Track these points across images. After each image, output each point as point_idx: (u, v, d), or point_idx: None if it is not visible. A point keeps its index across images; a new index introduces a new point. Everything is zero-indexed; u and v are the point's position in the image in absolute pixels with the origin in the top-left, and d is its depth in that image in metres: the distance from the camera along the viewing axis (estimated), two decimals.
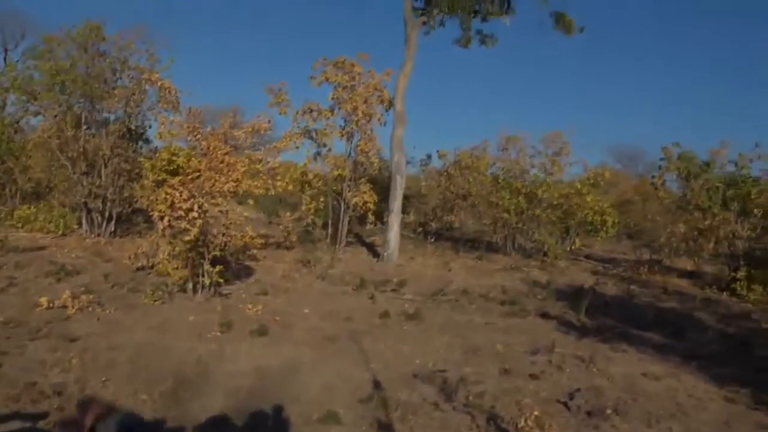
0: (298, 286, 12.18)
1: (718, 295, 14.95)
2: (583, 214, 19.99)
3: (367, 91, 17.48)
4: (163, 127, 11.76)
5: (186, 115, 12.11)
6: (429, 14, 18.11)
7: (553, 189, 19.87)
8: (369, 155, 17.92)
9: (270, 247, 16.31)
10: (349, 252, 17.79)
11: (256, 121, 13.35)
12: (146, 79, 13.90)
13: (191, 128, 11.51)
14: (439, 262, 17.20)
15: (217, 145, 10.47)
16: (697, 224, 16.90)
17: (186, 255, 10.00)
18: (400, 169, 17.23)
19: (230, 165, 10.06)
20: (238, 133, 12.57)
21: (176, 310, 9.30)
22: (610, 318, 11.01)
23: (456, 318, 10.41)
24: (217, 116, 13.86)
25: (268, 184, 11.78)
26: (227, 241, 10.42)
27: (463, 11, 17.81)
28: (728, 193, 16.68)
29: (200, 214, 9.57)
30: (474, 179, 21.38)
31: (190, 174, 9.93)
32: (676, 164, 17.81)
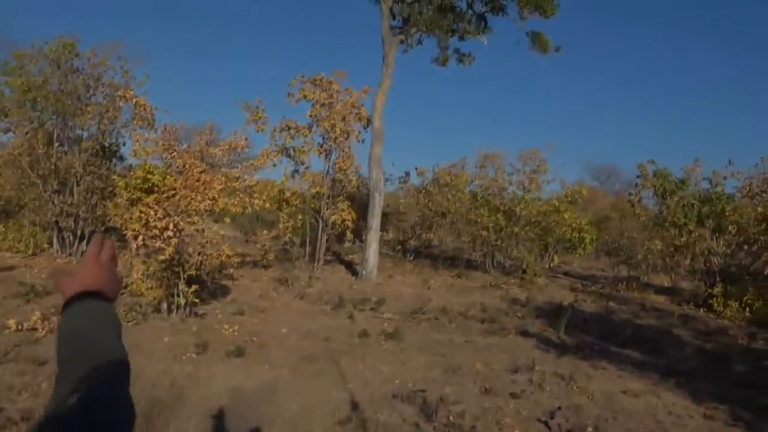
0: (276, 306, 12.07)
1: (695, 311, 15.14)
2: (561, 232, 20.20)
3: (345, 108, 17.54)
4: (137, 144, 11.65)
5: (161, 132, 12.04)
6: (407, 33, 18.32)
7: (532, 206, 20.05)
8: (347, 173, 17.94)
9: (247, 266, 16.18)
10: (327, 270, 17.71)
11: (232, 139, 13.32)
12: (120, 96, 13.79)
13: (166, 146, 11.44)
14: (418, 280, 17.19)
15: (193, 162, 10.40)
16: (673, 241, 17.16)
17: (161, 275, 9.86)
18: (378, 187, 17.27)
19: (206, 183, 9.99)
20: (215, 150, 12.53)
21: (150, 331, 9.14)
22: (590, 335, 11.07)
23: (435, 337, 10.38)
24: (193, 134, 13.87)
25: (245, 203, 11.72)
26: (203, 260, 10.32)
27: (440, 30, 18.05)
28: (703, 210, 16.98)
29: (175, 233, 9.47)
30: (453, 197, 21.50)
31: (165, 192, 9.84)
32: (652, 182, 18.10)
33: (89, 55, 15.98)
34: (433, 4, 17.74)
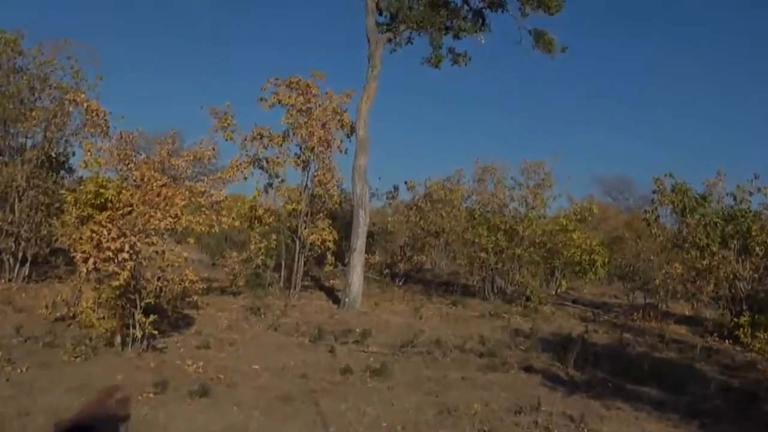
0: (246, 338, 11.98)
1: (719, 343, 15.22)
2: (569, 254, 20.29)
3: (325, 114, 17.61)
4: (89, 154, 11.60)
5: (116, 141, 12.02)
6: (395, 30, 18.46)
7: (536, 225, 20.13)
8: (328, 187, 17.95)
9: (213, 292, 16.06)
10: (305, 298, 17.63)
11: (198, 149, 13.34)
12: (70, 100, 13.75)
13: (122, 156, 11.41)
14: (408, 308, 17.15)
15: (152, 175, 10.36)
16: (694, 264, 17.26)
17: (114, 303, 9.77)
18: (363, 203, 17.28)
19: (168, 198, 9.95)
20: (178, 161, 12.53)
21: (102, 367, 9.03)
22: (602, 371, 11.08)
23: (428, 373, 10.34)
24: (153, 143, 13.83)
25: (211, 221, 11.70)
26: (163, 287, 10.23)
27: (432, 27, 18.20)
28: (727, 230, 17.11)
29: (132, 255, 9.39)
30: (447, 214, 21.57)
31: (120, 209, 9.77)
32: (670, 197, 18.24)
33: (35, 53, 15.92)
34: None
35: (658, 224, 19.36)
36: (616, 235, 27.93)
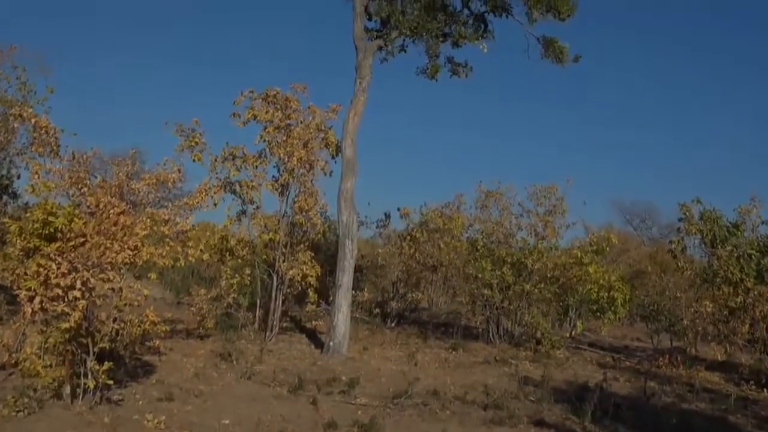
0: (215, 389, 11.89)
1: (757, 392, 15.20)
2: (585, 290, 20.31)
3: (307, 132, 17.67)
4: (36, 177, 11.58)
5: (68, 161, 12.01)
6: (386, 37, 18.61)
7: (547, 257, 20.17)
8: (310, 214, 17.96)
9: (178, 335, 15.97)
10: (283, 341, 17.54)
11: (161, 171, 13.31)
12: (15, 115, 13.78)
13: (75, 179, 11.39)
14: (401, 353, 17.08)
15: (109, 201, 10.35)
16: (727, 302, 17.31)
17: (63, 348, 9.68)
18: (350, 233, 17.28)
19: (126, 228, 9.92)
20: (139, 185, 12.50)
21: (48, 423, 8.93)
22: (624, 425, 11.04)
23: (424, 428, 10.29)
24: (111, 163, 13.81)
25: (176, 253, 11.66)
26: (120, 329, 10.16)
27: (428, 34, 18.38)
28: (763, 263, 17.20)
29: (84, 293, 9.33)
30: (446, 245, 21.60)
31: (72, 240, 9.73)
32: (698, 226, 18.35)
33: None
34: (419, 2, 18.09)
35: (685, 256, 19.44)
36: (638, 269, 28.03)
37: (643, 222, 57.67)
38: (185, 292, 21.91)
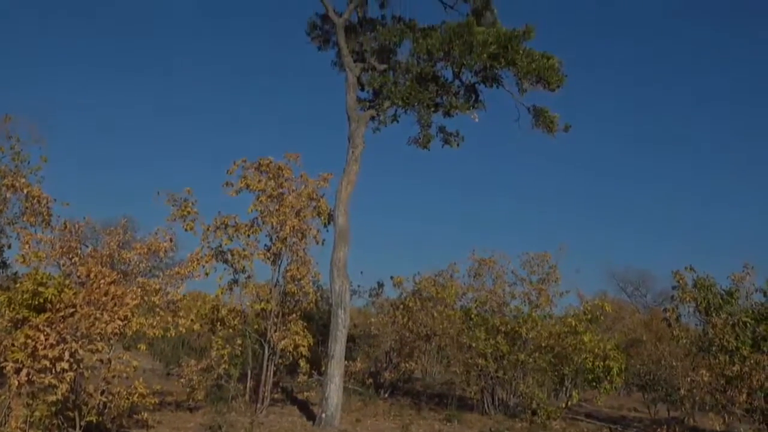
0: None
1: None
2: (580, 359, 20.15)
3: (300, 200, 17.77)
4: (27, 247, 11.58)
5: (59, 231, 12.04)
6: (378, 107, 18.92)
7: (541, 326, 20.09)
8: (302, 283, 17.91)
9: (167, 407, 15.75)
10: (274, 413, 17.30)
11: (153, 240, 13.35)
12: (8, 185, 13.82)
13: (66, 249, 11.40)
14: (395, 425, 16.87)
15: (100, 271, 10.34)
16: (723, 370, 17.19)
17: (49, 422, 9.54)
18: (343, 302, 17.21)
19: (117, 298, 9.89)
20: (130, 254, 12.51)
21: None
22: None
23: None
24: (102, 233, 13.83)
25: (167, 323, 11.58)
26: (108, 402, 10.03)
27: (420, 104, 18.66)
28: (759, 330, 17.15)
29: (72, 365, 9.25)
30: (439, 314, 21.48)
31: (61, 310, 9.69)
32: (692, 294, 18.35)
33: None
34: (411, 73, 18.45)
35: (680, 324, 19.37)
36: (634, 337, 27.87)
37: (637, 289, 57.62)
38: (175, 362, 21.66)
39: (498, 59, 17.51)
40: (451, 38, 17.58)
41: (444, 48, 17.76)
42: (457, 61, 17.98)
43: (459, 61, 17.92)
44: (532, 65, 17.38)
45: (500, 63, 17.61)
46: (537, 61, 17.39)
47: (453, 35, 17.59)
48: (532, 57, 17.46)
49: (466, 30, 17.45)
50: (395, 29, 19.49)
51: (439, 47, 17.80)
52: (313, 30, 21.62)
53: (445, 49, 17.78)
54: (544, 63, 17.40)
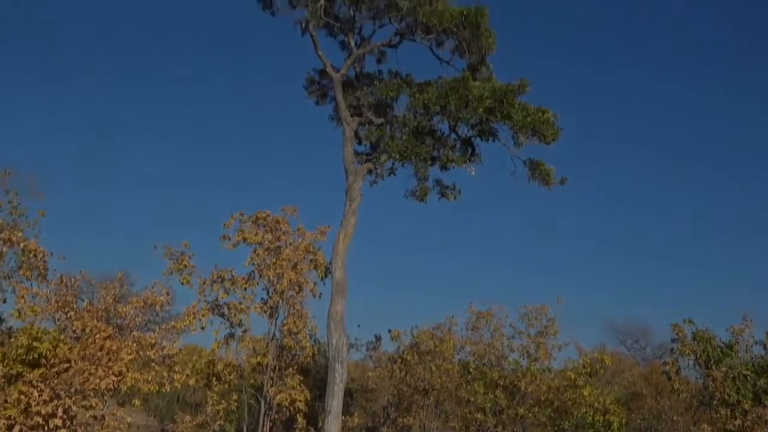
0: None
1: None
2: (580, 413, 19.92)
3: (297, 253, 17.77)
4: (23, 301, 11.55)
5: (56, 285, 12.02)
6: (375, 161, 19.06)
7: (540, 380, 19.90)
8: (299, 337, 17.80)
9: None
10: None
11: (149, 293, 13.32)
12: (4, 240, 13.82)
13: (62, 303, 11.37)
14: None
15: (95, 325, 10.30)
16: (725, 425, 17.01)
17: None
18: (340, 356, 17.07)
19: (112, 353, 9.82)
20: (126, 308, 12.47)
21: None
22: None
23: None
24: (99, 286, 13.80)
25: (162, 378, 11.47)
26: None
27: (417, 158, 18.79)
28: (760, 383, 17.02)
29: (65, 422, 9.14)
30: (437, 368, 21.28)
31: (56, 366, 9.61)
32: (691, 347, 18.27)
33: None
34: (407, 127, 18.63)
35: (680, 378, 19.24)
36: (634, 391, 27.61)
37: (636, 342, 57.13)
38: (170, 418, 21.40)
39: (494, 113, 17.70)
40: (448, 93, 17.81)
41: (440, 102, 17.98)
42: (454, 115, 18.17)
43: (455, 115, 18.11)
44: (528, 119, 17.56)
45: (496, 117, 17.80)
46: (532, 115, 17.58)
47: (449, 90, 17.83)
48: (527, 111, 17.65)
49: (462, 85, 17.69)
50: (392, 84, 19.77)
51: (436, 101, 18.02)
52: (311, 85, 21.93)
53: (442, 104, 17.99)
54: (540, 117, 17.59)
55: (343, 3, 20.16)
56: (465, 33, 18.38)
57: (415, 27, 19.22)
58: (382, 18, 19.86)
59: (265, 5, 20.64)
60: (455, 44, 19.26)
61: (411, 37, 19.69)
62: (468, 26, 18.17)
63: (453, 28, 18.34)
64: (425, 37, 19.27)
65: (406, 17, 19.09)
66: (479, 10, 18.01)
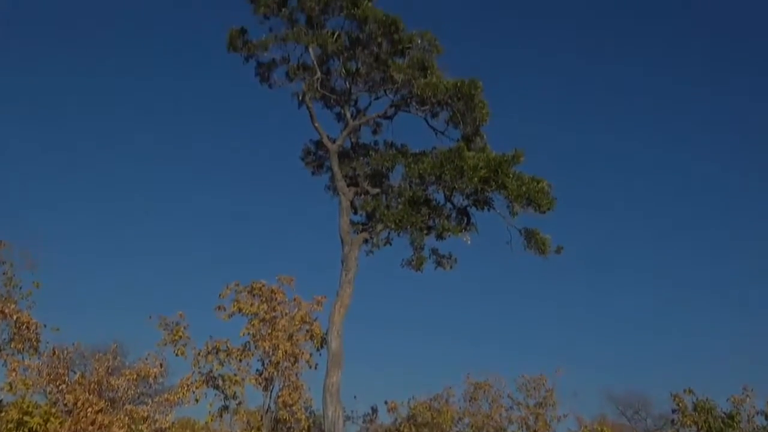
0: None
1: None
2: None
3: (293, 324, 17.69)
4: (14, 374, 11.40)
5: (48, 357, 11.90)
6: (371, 230, 19.09)
7: None
8: (294, 410, 17.56)
9: None
10: None
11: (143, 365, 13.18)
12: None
13: (53, 376, 11.23)
14: None
15: (87, 399, 10.17)
16: None
17: None
18: (336, 428, 16.78)
19: (104, 427, 9.66)
20: (118, 381, 12.32)
21: None
22: None
23: None
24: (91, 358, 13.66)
25: None
26: None
27: (413, 227, 18.81)
28: None
29: None
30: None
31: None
32: (692, 417, 18.07)
33: None
34: (403, 197, 18.70)
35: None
36: None
37: (636, 413, 56.37)
38: None
39: (489, 183, 17.79)
40: (443, 163, 17.94)
41: (435, 172, 18.09)
42: (449, 184, 18.27)
43: (450, 184, 18.21)
44: (522, 188, 17.63)
45: (491, 186, 17.87)
46: (527, 185, 17.66)
47: (444, 160, 17.96)
48: (522, 180, 17.74)
49: (456, 155, 17.83)
50: (388, 155, 19.97)
51: (431, 171, 18.13)
52: (308, 156, 22.14)
53: (437, 173, 18.09)
54: (534, 186, 17.66)
55: (339, 76, 20.56)
56: (459, 104, 18.65)
57: (410, 99, 19.54)
58: (378, 90, 20.23)
59: (262, 78, 21.06)
60: (449, 115, 19.52)
61: (406, 109, 20.01)
62: (462, 98, 18.44)
63: (447, 99, 18.63)
64: (420, 109, 19.57)
65: (401, 89, 19.44)
66: (473, 82, 18.30)
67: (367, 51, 19.97)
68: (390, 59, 19.41)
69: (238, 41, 20.28)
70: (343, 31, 20.11)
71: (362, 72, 20.02)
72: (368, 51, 19.93)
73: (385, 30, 19.23)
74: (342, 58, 20.30)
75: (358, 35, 19.99)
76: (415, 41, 19.22)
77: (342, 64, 20.42)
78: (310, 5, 19.86)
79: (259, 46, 20.42)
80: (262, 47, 20.38)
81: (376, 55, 19.73)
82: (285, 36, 20.06)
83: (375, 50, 19.75)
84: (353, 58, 20.22)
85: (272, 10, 20.07)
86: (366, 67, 19.98)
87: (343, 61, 20.36)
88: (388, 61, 19.40)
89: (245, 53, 20.59)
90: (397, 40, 19.26)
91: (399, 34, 19.19)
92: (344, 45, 20.12)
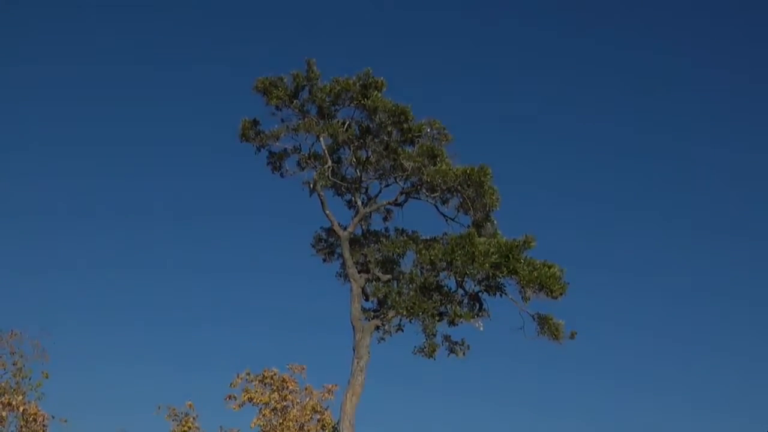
0: None
1: None
2: None
3: (304, 414, 17.30)
4: None
5: None
6: (383, 317, 18.84)
7: None
8: None
9: None
10: None
11: None
12: (4, 404, 13.44)
13: None
14: None
15: None
16: None
17: None
18: None
19: None
20: None
21: None
22: None
23: None
24: None
25: None
26: None
27: (425, 314, 18.55)
28: None
29: None
30: None
31: None
32: None
33: None
34: (414, 283, 18.53)
35: None
36: None
37: None
38: None
39: (500, 268, 17.62)
40: (453, 249, 17.83)
41: (447, 258, 17.97)
42: (460, 270, 18.09)
43: (462, 270, 18.04)
44: (534, 274, 17.44)
45: (502, 272, 17.69)
46: (538, 270, 17.47)
47: (455, 246, 17.87)
48: (533, 266, 17.57)
49: (467, 241, 17.74)
50: (399, 241, 19.92)
51: (442, 258, 18.02)
52: (318, 243, 22.13)
53: (448, 260, 17.97)
54: (546, 271, 17.48)
55: (349, 164, 20.76)
56: (469, 191, 18.68)
57: (420, 186, 19.64)
58: (388, 178, 20.37)
59: (274, 168, 21.30)
60: (460, 202, 19.55)
61: (416, 196, 20.10)
62: (472, 185, 18.50)
63: (457, 186, 18.69)
64: (430, 196, 19.64)
65: (411, 177, 19.57)
66: (482, 169, 18.38)
67: (377, 140, 20.21)
68: (400, 147, 19.63)
69: (250, 132, 20.58)
70: (353, 120, 20.40)
71: (372, 160, 20.21)
72: (378, 140, 20.17)
73: (394, 119, 19.50)
74: (352, 146, 20.54)
75: (369, 125, 20.26)
76: (424, 130, 19.47)
77: (352, 152, 20.64)
78: (321, 97, 20.22)
79: (271, 136, 20.72)
80: (274, 137, 20.68)
81: (386, 144, 19.95)
82: (297, 126, 20.35)
83: (385, 139, 19.99)
84: (363, 147, 20.47)
85: (284, 102, 20.43)
86: (376, 155, 20.18)
87: (354, 149, 20.59)
88: (398, 149, 19.60)
89: (257, 143, 20.88)
90: (406, 128, 19.52)
91: (408, 123, 19.46)
92: (355, 134, 20.38)
